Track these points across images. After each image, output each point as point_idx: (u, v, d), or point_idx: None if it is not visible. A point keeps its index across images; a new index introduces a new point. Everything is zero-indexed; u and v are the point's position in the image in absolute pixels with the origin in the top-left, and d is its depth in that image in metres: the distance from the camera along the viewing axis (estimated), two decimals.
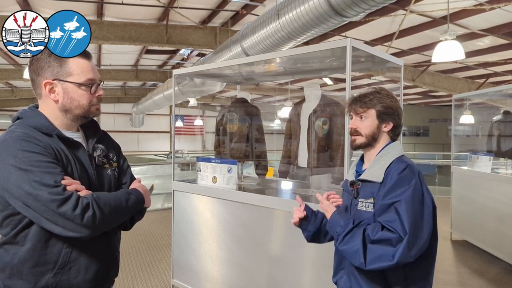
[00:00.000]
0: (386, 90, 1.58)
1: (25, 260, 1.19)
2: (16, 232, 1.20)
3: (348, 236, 1.42)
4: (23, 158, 1.15)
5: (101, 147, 1.41)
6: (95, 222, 1.17)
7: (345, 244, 1.42)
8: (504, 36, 6.13)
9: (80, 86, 1.30)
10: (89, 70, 1.32)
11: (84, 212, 1.15)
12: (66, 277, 1.22)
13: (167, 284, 3.75)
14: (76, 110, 1.31)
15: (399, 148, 1.55)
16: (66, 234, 1.15)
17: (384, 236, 1.36)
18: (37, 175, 1.13)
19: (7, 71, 9.48)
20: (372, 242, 1.37)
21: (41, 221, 1.15)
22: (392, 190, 1.40)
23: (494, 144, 5.10)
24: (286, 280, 2.58)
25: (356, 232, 1.41)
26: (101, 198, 1.22)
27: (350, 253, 1.40)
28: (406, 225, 1.34)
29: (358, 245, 1.38)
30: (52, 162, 1.18)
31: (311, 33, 3.69)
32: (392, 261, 1.32)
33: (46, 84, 1.28)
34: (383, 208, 1.41)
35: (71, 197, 1.14)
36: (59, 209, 1.12)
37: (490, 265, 4.34)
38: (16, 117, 1.31)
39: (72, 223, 1.14)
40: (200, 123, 16.55)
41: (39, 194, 1.12)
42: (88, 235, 1.17)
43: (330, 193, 1.61)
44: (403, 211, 1.36)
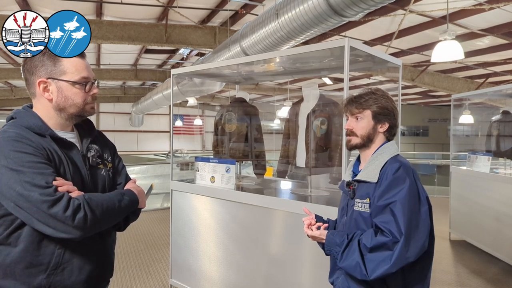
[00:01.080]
0: (381, 90, 1.59)
1: (18, 261, 1.19)
2: (8, 233, 1.19)
3: (345, 252, 1.44)
4: (15, 158, 1.14)
5: (95, 147, 1.40)
6: (87, 224, 1.16)
7: (344, 261, 1.44)
8: (503, 36, 6.13)
9: (74, 85, 1.29)
10: (83, 69, 1.31)
11: (75, 213, 1.14)
12: (60, 278, 1.22)
13: (165, 284, 3.75)
14: (71, 109, 1.31)
15: (393, 147, 1.55)
16: (57, 236, 1.15)
17: (379, 241, 1.36)
18: (29, 176, 1.13)
19: (6, 70, 9.48)
20: (369, 251, 1.38)
21: (33, 222, 1.14)
22: (387, 190, 1.41)
23: (493, 144, 5.10)
24: (284, 280, 2.58)
25: (352, 245, 1.42)
26: (93, 199, 1.21)
27: (351, 267, 1.41)
28: (402, 226, 1.34)
29: (357, 257, 1.39)
30: (44, 163, 1.18)
31: (310, 32, 3.68)
32: (390, 263, 1.33)
33: (40, 83, 1.28)
34: (378, 209, 1.41)
35: (62, 198, 1.14)
36: (50, 210, 1.12)
37: (488, 265, 4.34)
38: (10, 117, 1.31)
39: (63, 224, 1.13)
40: (199, 123, 16.53)
41: (30, 194, 1.12)
42: (80, 236, 1.16)
43: (306, 219, 1.63)
44: (399, 212, 1.36)
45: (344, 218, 1.58)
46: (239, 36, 4.68)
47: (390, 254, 1.34)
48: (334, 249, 1.49)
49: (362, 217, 1.47)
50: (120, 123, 16.91)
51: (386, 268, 1.34)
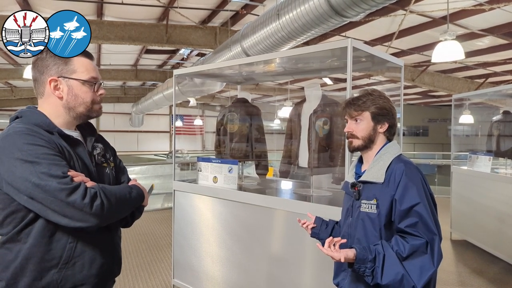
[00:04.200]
0: (378, 91, 1.60)
1: (29, 257, 1.19)
2: (19, 230, 1.20)
3: (385, 267, 1.36)
4: (29, 151, 1.16)
5: (100, 146, 1.42)
6: (104, 211, 1.18)
7: (388, 277, 1.35)
8: (503, 36, 6.14)
9: (84, 83, 1.32)
10: (92, 69, 1.35)
11: (93, 201, 1.17)
12: (71, 272, 1.23)
13: (167, 284, 3.76)
14: (80, 108, 1.33)
15: (396, 147, 1.57)
16: (73, 225, 1.16)
17: (413, 247, 1.36)
18: (45, 167, 1.14)
19: (6, 71, 9.48)
20: (405, 259, 1.35)
21: (48, 214, 1.16)
22: (406, 193, 1.41)
23: (494, 144, 5.11)
24: (286, 280, 2.59)
25: (390, 258, 1.36)
26: (107, 189, 1.25)
27: (397, 281, 1.34)
28: (432, 226, 1.36)
29: (401, 270, 1.34)
30: (57, 155, 1.20)
31: (311, 33, 3.69)
32: (434, 266, 1.34)
33: (51, 81, 1.30)
34: (402, 213, 1.41)
35: (79, 187, 1.16)
36: (68, 198, 1.13)
37: (489, 265, 4.35)
38: (14, 117, 1.31)
39: (81, 212, 1.15)
40: (199, 123, 16.54)
41: (47, 184, 1.13)
42: (96, 225, 1.18)
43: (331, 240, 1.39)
44: (424, 212, 1.38)
45: (349, 220, 1.58)
46: (240, 36, 4.68)
47: (429, 256, 1.34)
48: (365, 266, 1.36)
49: (369, 218, 1.47)
50: (120, 123, 16.90)
51: (432, 272, 1.33)
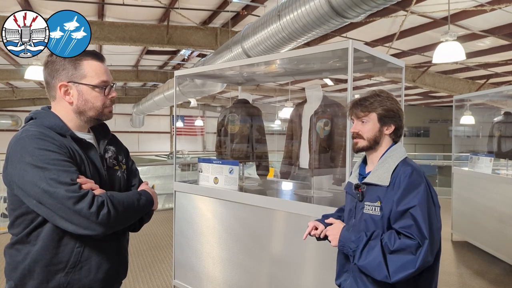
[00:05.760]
0: (386, 92, 1.58)
1: (37, 259, 1.20)
2: (28, 232, 1.21)
3: (365, 250, 1.40)
4: (40, 156, 1.16)
5: (112, 149, 1.42)
6: (110, 220, 1.18)
7: (365, 259, 1.39)
8: (504, 37, 6.13)
9: (94, 88, 1.31)
10: (103, 72, 1.33)
11: (99, 210, 1.16)
12: (78, 277, 1.24)
13: (168, 284, 3.75)
14: (90, 112, 1.32)
15: (402, 150, 1.55)
16: (80, 232, 1.16)
17: (403, 244, 1.35)
18: (54, 173, 1.15)
19: (7, 71, 9.49)
20: (392, 252, 1.36)
21: (55, 219, 1.16)
22: (405, 195, 1.40)
23: (495, 145, 5.10)
24: (287, 281, 2.58)
25: (374, 244, 1.39)
26: (115, 197, 1.24)
27: (372, 267, 1.37)
28: (424, 230, 1.35)
29: (380, 257, 1.36)
30: (68, 161, 1.20)
31: (312, 34, 3.69)
32: (415, 267, 1.33)
33: (61, 86, 1.30)
34: (398, 214, 1.40)
35: (87, 195, 1.16)
36: (75, 206, 1.14)
37: (491, 266, 4.34)
38: (29, 118, 1.32)
39: (87, 220, 1.15)
40: (200, 124, 16.55)
41: (56, 191, 1.13)
42: (102, 233, 1.18)
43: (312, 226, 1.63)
44: (419, 216, 1.36)
45: (352, 221, 1.57)
46: (240, 37, 4.68)
47: (414, 258, 1.33)
48: (348, 245, 1.44)
49: (372, 220, 1.46)
50: (121, 124, 16.90)
51: (410, 272, 1.33)
